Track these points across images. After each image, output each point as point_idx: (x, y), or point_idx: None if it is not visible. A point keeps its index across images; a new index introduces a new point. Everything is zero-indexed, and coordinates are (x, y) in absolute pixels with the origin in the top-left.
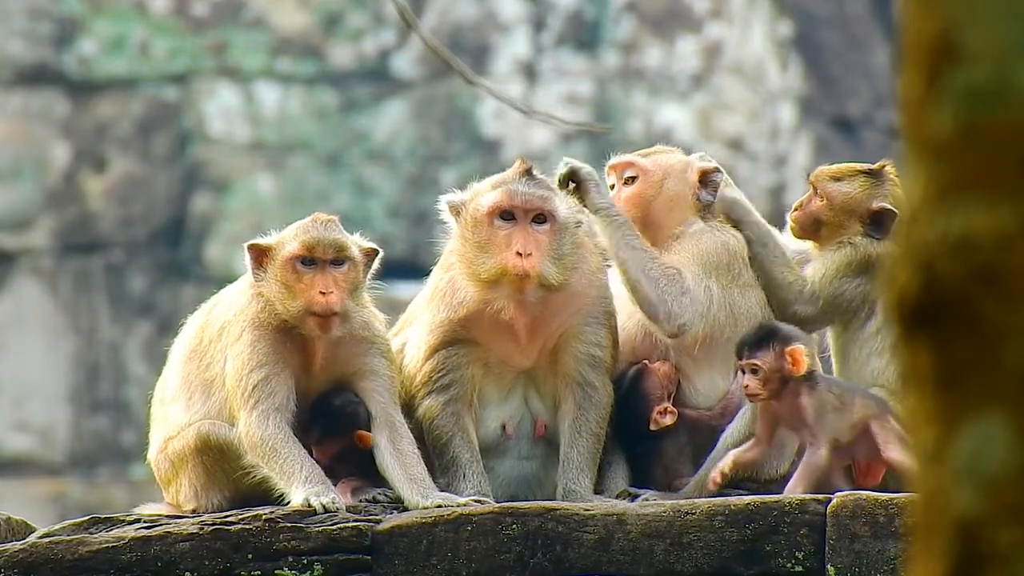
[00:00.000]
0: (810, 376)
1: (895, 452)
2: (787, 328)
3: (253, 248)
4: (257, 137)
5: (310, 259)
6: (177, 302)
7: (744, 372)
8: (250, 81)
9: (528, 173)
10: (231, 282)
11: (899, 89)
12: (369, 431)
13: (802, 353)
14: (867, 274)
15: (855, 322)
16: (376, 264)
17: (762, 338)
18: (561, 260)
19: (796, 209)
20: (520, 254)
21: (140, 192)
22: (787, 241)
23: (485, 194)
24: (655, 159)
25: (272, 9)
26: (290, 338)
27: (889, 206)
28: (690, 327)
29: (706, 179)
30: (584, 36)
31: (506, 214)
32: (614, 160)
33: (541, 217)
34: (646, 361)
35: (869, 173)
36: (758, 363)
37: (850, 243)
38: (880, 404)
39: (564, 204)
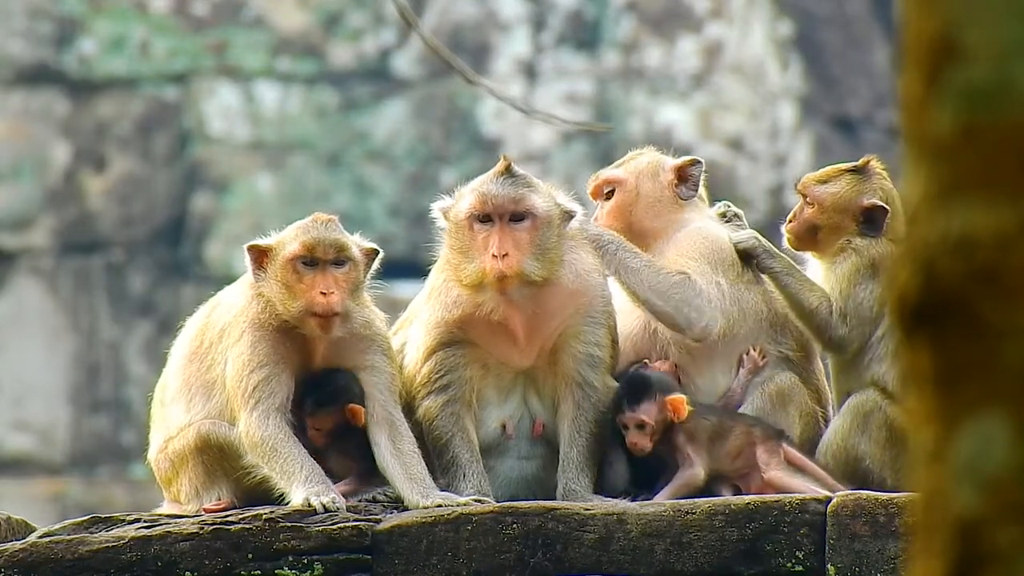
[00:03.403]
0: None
1: (777, 473)
2: (659, 376)
3: (253, 249)
4: (257, 137)
5: (311, 259)
6: (177, 302)
7: (627, 428)
8: (250, 81)
9: (507, 171)
10: (231, 282)
11: (899, 89)
12: (362, 406)
13: (683, 402)
14: (877, 277)
15: None
16: (376, 264)
17: (642, 392)
18: (545, 255)
19: (790, 221)
20: (496, 256)
21: (140, 192)
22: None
23: (463, 199)
24: (626, 167)
25: (272, 9)
26: (290, 338)
27: (879, 202)
28: (713, 325)
29: (684, 174)
30: (584, 36)
31: (483, 217)
32: (589, 186)
33: (519, 215)
34: (646, 360)
35: (854, 171)
36: (645, 419)
37: (852, 249)
38: (766, 429)
39: (544, 199)
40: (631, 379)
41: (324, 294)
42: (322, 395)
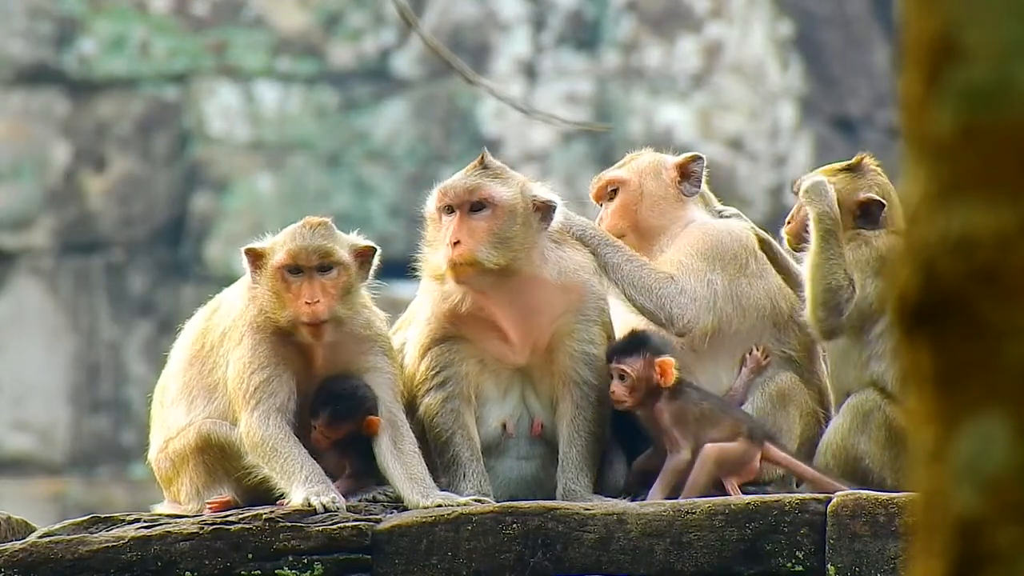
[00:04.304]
0: (675, 387)
1: (715, 447)
2: (658, 338)
3: (250, 252)
4: (257, 137)
5: (295, 267)
6: (177, 302)
7: (612, 377)
8: (250, 81)
9: (479, 164)
10: (231, 282)
11: (899, 89)
12: (378, 416)
13: (671, 365)
14: (881, 273)
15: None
16: (376, 262)
17: (633, 346)
18: (506, 243)
19: (788, 222)
20: (450, 245)
21: (140, 192)
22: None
23: (431, 194)
24: (629, 167)
25: (272, 9)
26: (290, 340)
27: (875, 196)
28: (695, 323)
29: (686, 170)
30: (584, 36)
31: (447, 209)
32: (592, 188)
33: (478, 205)
34: None
35: (848, 168)
36: (627, 369)
37: (863, 240)
38: (754, 428)
39: (507, 188)
40: (630, 334)
41: (309, 303)
42: (343, 407)
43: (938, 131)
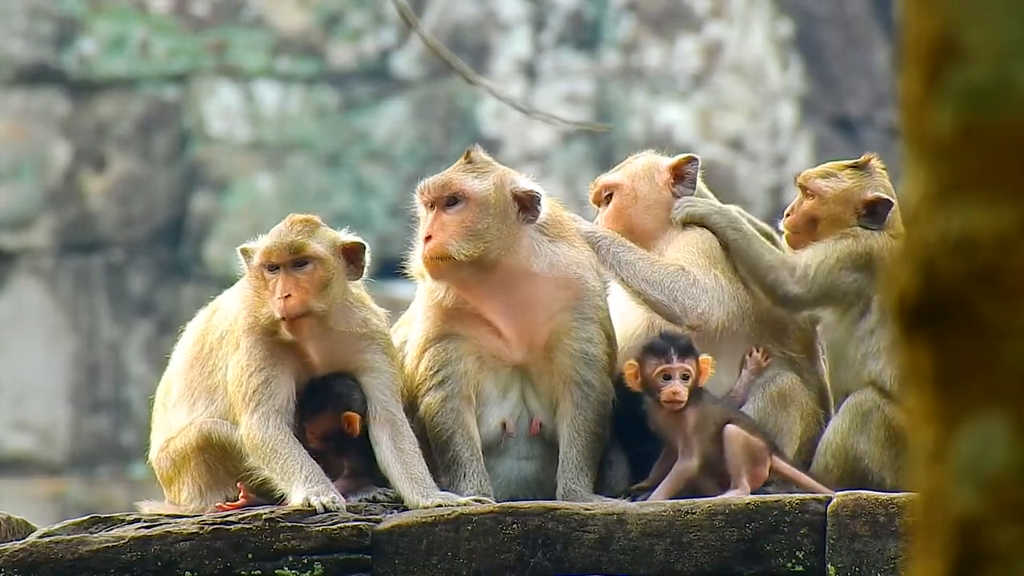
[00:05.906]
0: (697, 389)
1: (733, 427)
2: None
3: (244, 252)
4: (257, 137)
5: (272, 264)
6: (177, 302)
7: (670, 378)
8: (250, 81)
9: (466, 159)
10: (231, 282)
11: (899, 89)
12: (360, 413)
13: (710, 364)
14: (865, 269)
15: (847, 319)
16: (367, 259)
17: (687, 345)
18: (478, 236)
19: (788, 215)
20: (423, 241)
21: (140, 192)
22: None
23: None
24: (623, 170)
25: (272, 9)
26: (286, 341)
27: (884, 195)
28: (710, 314)
29: (680, 172)
30: (584, 36)
31: (430, 206)
32: (590, 193)
33: (452, 200)
34: None
35: (855, 167)
36: (691, 369)
37: (852, 235)
38: (761, 435)
39: (481, 180)
40: (669, 335)
41: (280, 298)
42: (317, 400)
43: (938, 131)
